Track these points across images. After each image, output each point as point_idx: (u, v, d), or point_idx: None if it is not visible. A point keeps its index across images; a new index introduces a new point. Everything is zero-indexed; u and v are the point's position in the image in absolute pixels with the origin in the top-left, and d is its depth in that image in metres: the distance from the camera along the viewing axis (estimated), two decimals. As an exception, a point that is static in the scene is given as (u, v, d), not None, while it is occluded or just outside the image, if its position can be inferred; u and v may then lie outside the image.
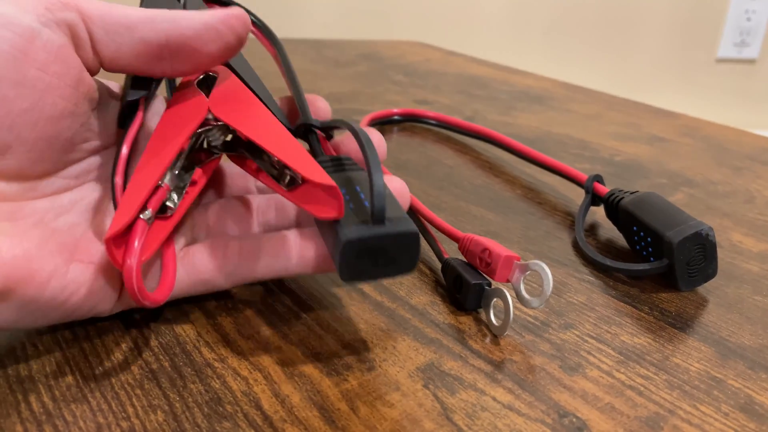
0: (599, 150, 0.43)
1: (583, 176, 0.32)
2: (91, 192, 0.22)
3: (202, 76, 0.24)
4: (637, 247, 0.28)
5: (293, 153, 0.21)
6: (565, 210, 0.33)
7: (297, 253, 0.22)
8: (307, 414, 0.18)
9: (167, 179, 0.21)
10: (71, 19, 0.19)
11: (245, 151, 0.23)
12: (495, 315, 0.23)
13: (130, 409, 0.18)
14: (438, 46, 0.76)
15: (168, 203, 0.22)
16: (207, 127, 0.23)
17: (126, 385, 0.19)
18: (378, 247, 0.19)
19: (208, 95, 0.23)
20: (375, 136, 0.25)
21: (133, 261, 0.19)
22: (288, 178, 0.22)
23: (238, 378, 0.20)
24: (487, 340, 0.22)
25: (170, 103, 0.23)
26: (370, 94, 0.54)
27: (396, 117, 0.45)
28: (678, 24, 1.49)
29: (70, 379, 0.19)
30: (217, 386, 0.19)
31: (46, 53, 0.19)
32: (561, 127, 0.47)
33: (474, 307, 0.24)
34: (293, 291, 0.25)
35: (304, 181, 0.21)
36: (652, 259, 0.27)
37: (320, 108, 0.27)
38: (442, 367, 0.21)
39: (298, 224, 0.25)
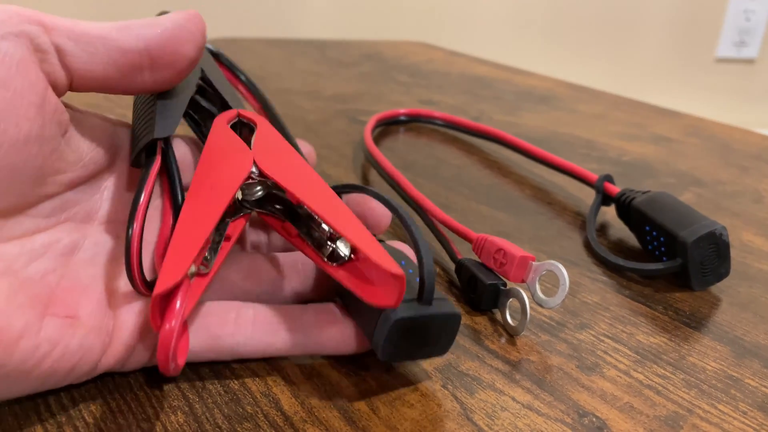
0: (606, 150, 0.43)
1: (593, 176, 0.32)
2: (67, 234, 0.19)
3: (235, 120, 0.23)
4: (650, 246, 0.28)
5: (351, 226, 0.19)
6: (575, 210, 0.33)
7: (319, 330, 0.20)
8: (328, 414, 0.18)
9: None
10: (32, 31, 0.17)
11: (281, 212, 0.22)
12: (511, 315, 0.23)
13: (150, 410, 0.18)
14: (440, 46, 0.76)
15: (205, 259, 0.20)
16: (248, 182, 0.21)
17: (145, 386, 0.19)
18: (423, 327, 0.19)
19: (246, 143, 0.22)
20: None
21: (174, 324, 0.17)
22: (330, 250, 0.20)
23: (257, 379, 0.20)
24: (503, 340, 0.22)
25: (208, 146, 0.21)
26: (375, 94, 0.54)
27: (402, 117, 0.45)
28: (677, 24, 1.49)
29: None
30: (236, 387, 0.19)
31: (6, 68, 0.16)
32: (567, 127, 0.47)
33: (489, 307, 0.24)
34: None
35: (358, 259, 0.20)
36: (664, 258, 0.27)
37: (306, 153, 0.26)
38: (460, 367, 0.21)
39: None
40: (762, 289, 0.27)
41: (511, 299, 0.23)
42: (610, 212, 0.33)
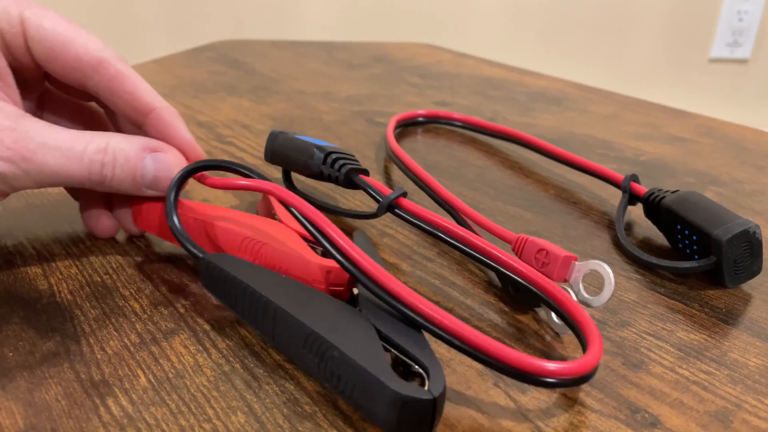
0: (623, 150, 0.43)
1: (620, 176, 0.33)
2: None
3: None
4: (680, 245, 0.28)
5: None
6: (600, 210, 0.34)
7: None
8: (386, 413, 0.19)
9: None
10: None
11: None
12: (556, 314, 0.23)
13: (210, 411, 0.18)
14: (447, 48, 0.76)
15: None
16: None
17: (201, 387, 0.19)
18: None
19: None
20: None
21: None
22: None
23: (311, 378, 0.20)
24: (548, 338, 0.23)
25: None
26: (389, 96, 0.54)
27: (421, 119, 0.45)
28: (671, 24, 1.51)
29: (144, 382, 0.19)
30: (291, 387, 0.20)
31: None
32: (581, 127, 0.48)
33: (531, 306, 0.24)
34: (349, 292, 0.25)
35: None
36: (696, 257, 0.27)
37: None
38: (509, 365, 0.21)
39: None
40: (792, 286, 0.27)
41: None
42: (634, 211, 0.33)
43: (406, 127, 0.45)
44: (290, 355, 0.20)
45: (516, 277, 0.23)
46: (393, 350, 0.19)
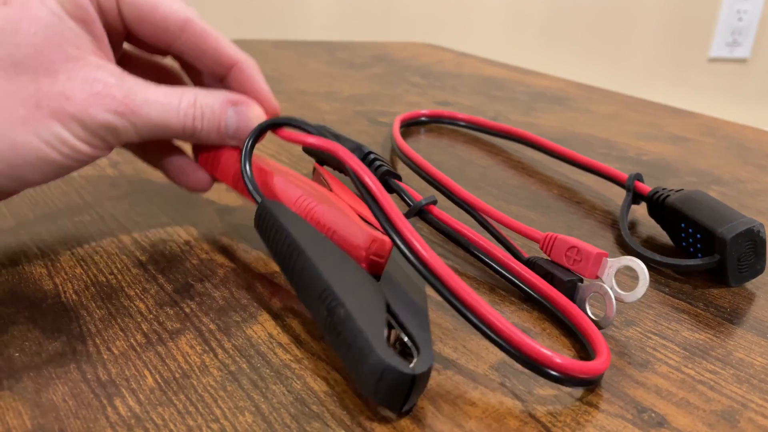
0: (625, 150, 0.43)
1: (624, 175, 0.33)
2: None
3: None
4: (684, 243, 0.28)
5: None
6: (603, 209, 0.34)
7: None
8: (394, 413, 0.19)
9: None
10: None
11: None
12: (591, 311, 0.23)
13: (218, 411, 0.18)
14: (448, 47, 0.76)
15: None
16: None
17: (208, 388, 0.19)
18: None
19: None
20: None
21: None
22: None
23: (318, 378, 0.20)
24: (552, 340, 0.23)
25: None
26: (390, 95, 0.54)
27: (423, 118, 0.45)
28: (670, 24, 1.51)
29: (151, 382, 0.19)
30: (298, 387, 0.20)
31: None
32: (583, 127, 0.48)
33: None
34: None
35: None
36: (699, 255, 0.27)
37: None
38: (515, 365, 0.21)
39: None
40: (796, 286, 0.27)
41: (592, 293, 0.23)
42: (638, 210, 0.33)
43: (409, 126, 0.45)
44: (306, 304, 0.21)
45: (530, 290, 0.24)
46: (396, 326, 0.19)
